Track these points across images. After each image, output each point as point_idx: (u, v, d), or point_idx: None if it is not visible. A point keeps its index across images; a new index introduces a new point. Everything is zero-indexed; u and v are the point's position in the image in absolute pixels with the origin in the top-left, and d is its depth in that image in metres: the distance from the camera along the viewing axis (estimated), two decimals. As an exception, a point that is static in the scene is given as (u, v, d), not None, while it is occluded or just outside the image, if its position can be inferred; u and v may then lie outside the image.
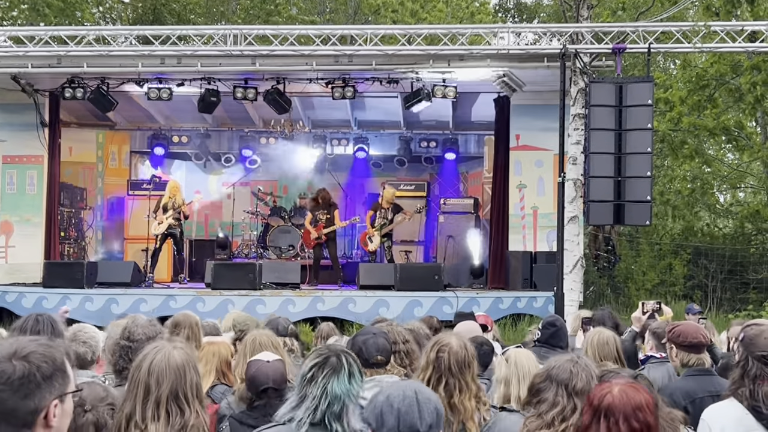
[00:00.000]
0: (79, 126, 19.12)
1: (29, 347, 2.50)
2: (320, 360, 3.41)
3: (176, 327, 6.33)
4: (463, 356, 4.35)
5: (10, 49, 14.88)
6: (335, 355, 3.43)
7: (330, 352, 3.45)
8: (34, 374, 2.45)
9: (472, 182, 20.57)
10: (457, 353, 4.34)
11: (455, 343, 4.40)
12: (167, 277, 17.44)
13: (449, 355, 4.32)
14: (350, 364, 3.40)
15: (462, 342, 4.45)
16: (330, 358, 3.40)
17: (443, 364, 4.31)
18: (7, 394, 2.41)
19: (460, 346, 4.39)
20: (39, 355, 2.50)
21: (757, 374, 4.17)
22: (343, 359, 3.41)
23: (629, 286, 19.60)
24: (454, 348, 4.36)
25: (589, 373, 3.77)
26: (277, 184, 20.93)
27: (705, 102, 20.81)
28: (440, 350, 4.36)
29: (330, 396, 3.30)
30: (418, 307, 14.38)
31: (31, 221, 16.69)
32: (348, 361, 3.41)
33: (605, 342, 5.71)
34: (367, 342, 4.49)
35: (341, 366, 3.37)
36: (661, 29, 14.42)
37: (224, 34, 14.85)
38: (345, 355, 3.45)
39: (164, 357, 3.32)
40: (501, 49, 14.55)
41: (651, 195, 13.22)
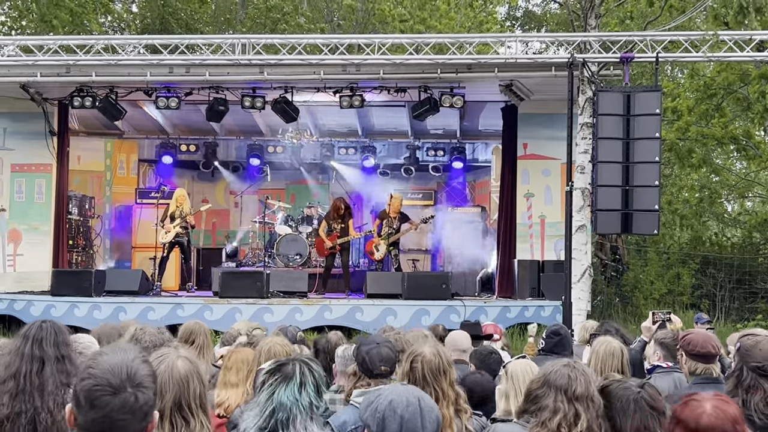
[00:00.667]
0: (87, 135, 19.19)
1: (139, 370, 2.57)
2: (274, 367, 3.39)
3: (190, 335, 6.34)
4: (437, 364, 4.32)
5: (20, 59, 14.94)
6: (291, 363, 3.40)
7: (288, 361, 3.42)
8: (152, 398, 2.55)
9: (480, 191, 20.57)
10: (430, 362, 4.31)
11: (428, 351, 4.36)
12: (175, 286, 17.47)
13: (422, 364, 4.30)
14: (303, 374, 3.34)
15: (435, 350, 4.41)
16: (285, 366, 3.37)
17: (417, 374, 4.29)
18: (131, 421, 2.51)
19: (434, 354, 4.35)
20: (148, 378, 2.59)
21: (751, 384, 4.21)
22: (298, 368, 3.36)
23: (637, 296, 19.54)
24: (427, 357, 4.32)
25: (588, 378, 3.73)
26: (284, 193, 20.96)
27: (713, 111, 20.80)
28: (413, 360, 4.34)
29: (275, 403, 3.28)
30: (426, 316, 14.37)
31: (39, 229, 16.72)
32: (303, 370, 3.35)
33: (611, 353, 5.69)
34: (371, 352, 4.47)
35: (293, 374, 3.33)
36: (669, 38, 14.41)
37: (232, 43, 14.89)
38: (302, 364, 3.40)
39: (168, 367, 3.28)
40: (509, 58, 14.55)
41: (659, 204, 13.20)
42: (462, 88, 15.35)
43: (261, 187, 20.57)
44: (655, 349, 6.21)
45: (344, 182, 20.42)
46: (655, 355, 6.16)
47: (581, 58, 13.94)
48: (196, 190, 20.78)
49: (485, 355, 5.80)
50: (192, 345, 6.28)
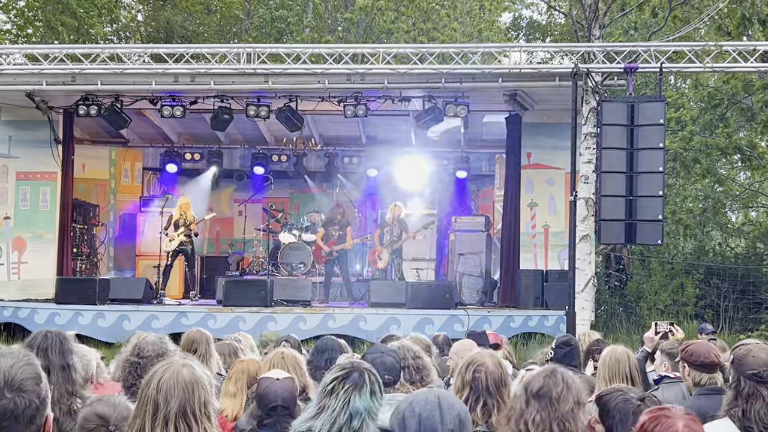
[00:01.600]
0: (92, 143, 19.25)
1: (17, 374, 2.51)
2: (342, 374, 3.42)
3: (192, 344, 6.34)
4: (499, 375, 4.35)
5: (25, 67, 15.02)
6: (358, 370, 3.44)
7: (353, 368, 3.46)
8: (34, 401, 2.49)
9: (483, 200, 20.57)
10: (493, 372, 4.33)
11: (490, 362, 4.39)
12: (179, 294, 17.47)
13: (486, 375, 4.31)
14: (372, 382, 3.41)
15: (496, 360, 4.45)
16: (352, 372, 3.41)
17: (480, 384, 4.29)
18: (15, 428, 2.46)
19: (496, 365, 4.38)
20: (30, 381, 2.51)
21: (750, 393, 4.21)
22: (366, 376, 3.42)
23: (641, 306, 19.49)
24: (490, 368, 4.34)
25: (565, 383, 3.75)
26: (288, 201, 20.98)
27: (717, 121, 20.81)
28: (476, 370, 4.34)
29: (351, 410, 3.31)
30: (429, 325, 14.36)
31: (44, 237, 16.77)
32: (371, 378, 3.42)
33: (617, 359, 5.69)
34: (375, 361, 4.47)
35: (364, 382, 3.37)
36: (673, 49, 14.46)
37: (237, 52, 14.94)
38: (368, 371, 3.46)
39: (173, 374, 3.29)
40: (513, 68, 14.60)
41: (663, 214, 13.22)
42: (466, 97, 15.38)
43: (265, 195, 20.59)
44: (662, 359, 6.21)
45: (348, 191, 20.44)
46: (663, 365, 6.16)
47: (585, 68, 13.97)
48: (200, 198, 20.76)
49: None
50: (194, 354, 6.28)
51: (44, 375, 2.61)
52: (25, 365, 2.56)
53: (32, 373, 2.56)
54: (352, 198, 20.30)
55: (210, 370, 6.29)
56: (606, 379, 5.45)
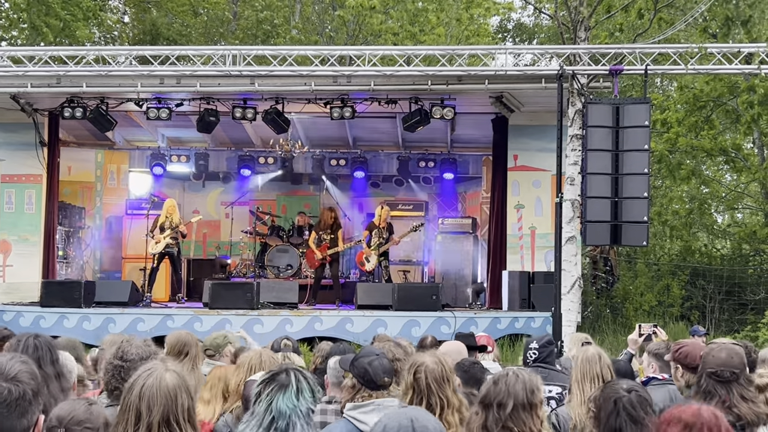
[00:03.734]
0: (78, 145, 19.17)
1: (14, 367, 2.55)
2: (268, 377, 3.40)
3: (184, 347, 6.29)
4: (440, 372, 4.36)
5: (10, 69, 14.94)
6: (285, 371, 3.41)
7: (280, 369, 3.44)
8: (27, 393, 2.51)
9: (470, 202, 20.61)
10: (433, 371, 4.34)
11: (430, 360, 4.40)
12: (165, 297, 17.41)
13: (426, 374, 4.33)
14: (299, 381, 3.37)
15: (437, 358, 4.45)
16: (279, 374, 3.39)
17: (422, 384, 4.32)
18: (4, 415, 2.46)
19: (436, 363, 4.39)
20: (26, 374, 2.56)
21: (708, 390, 4.40)
22: (292, 376, 3.39)
23: (627, 307, 19.57)
24: (429, 366, 4.36)
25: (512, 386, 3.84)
26: (275, 204, 20.96)
27: (702, 123, 20.90)
28: (417, 371, 4.37)
29: (274, 412, 3.29)
30: (416, 327, 14.36)
31: (29, 240, 16.68)
32: (297, 377, 3.38)
33: (587, 360, 5.67)
34: (373, 363, 4.44)
35: (289, 382, 3.35)
36: (658, 51, 14.50)
37: (223, 54, 14.91)
38: (296, 372, 3.43)
39: (156, 381, 3.26)
40: (499, 70, 14.62)
41: (648, 216, 13.26)
42: (452, 99, 15.39)
43: (252, 198, 20.56)
44: (649, 361, 6.22)
45: (335, 193, 20.44)
46: (650, 367, 6.16)
47: (571, 70, 14.00)
48: (187, 200, 20.75)
49: (468, 366, 5.77)
50: (186, 357, 6.24)
51: (39, 376, 2.63)
52: (21, 362, 2.65)
53: (28, 369, 2.64)
54: (339, 200, 20.29)
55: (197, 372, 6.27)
56: (578, 381, 5.44)
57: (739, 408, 4.33)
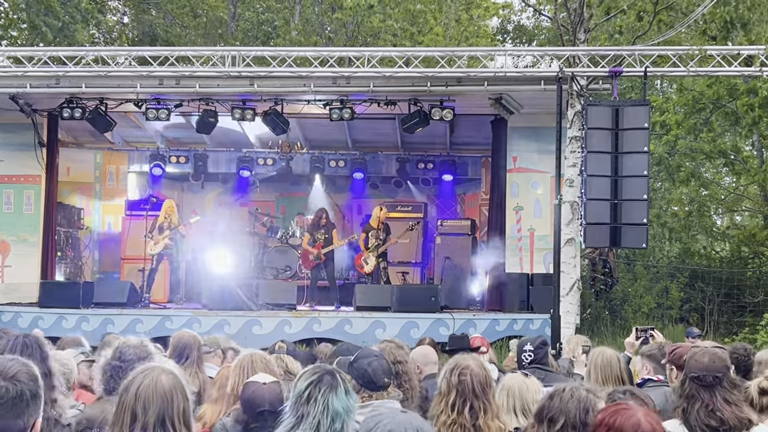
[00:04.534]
0: (76, 146, 19.16)
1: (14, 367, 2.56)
2: (315, 378, 3.41)
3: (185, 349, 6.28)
4: (484, 377, 4.41)
5: (9, 69, 14.94)
6: (329, 372, 3.43)
7: (323, 370, 3.45)
8: (25, 393, 2.51)
9: (469, 204, 20.59)
10: (478, 374, 4.40)
11: (474, 364, 4.45)
12: (163, 298, 17.39)
13: (471, 377, 4.37)
14: (344, 381, 3.41)
15: (480, 363, 4.51)
16: (324, 375, 3.40)
17: (467, 387, 4.35)
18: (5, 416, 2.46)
19: (480, 367, 4.45)
20: (25, 375, 2.56)
21: (690, 394, 4.43)
22: (338, 376, 3.41)
23: (626, 309, 19.57)
24: (475, 370, 4.41)
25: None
26: (274, 205, 20.95)
27: (701, 125, 20.89)
28: (461, 373, 4.40)
29: (332, 413, 3.30)
30: (415, 329, 14.36)
31: (27, 241, 16.67)
32: (341, 378, 3.41)
33: (608, 363, 5.68)
34: (372, 364, 4.45)
35: (337, 383, 3.37)
36: (657, 53, 14.49)
37: (223, 55, 14.90)
38: (338, 372, 3.46)
39: (152, 382, 3.25)
40: (498, 72, 14.62)
41: (647, 218, 13.25)
42: (452, 101, 15.38)
43: (251, 199, 20.55)
44: (643, 363, 6.21)
45: (334, 195, 20.43)
46: (644, 369, 6.16)
47: (570, 72, 14.00)
48: (186, 201, 20.74)
49: None
50: (187, 360, 6.22)
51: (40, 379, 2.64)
52: (22, 364, 2.66)
53: (28, 370, 2.65)
54: (338, 202, 20.28)
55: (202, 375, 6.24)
56: (600, 381, 5.45)
57: (723, 412, 4.33)
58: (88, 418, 3.60)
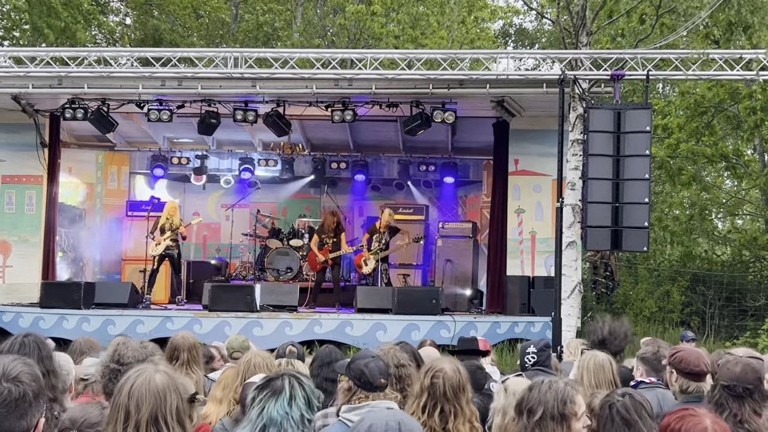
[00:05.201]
0: (78, 146, 19.16)
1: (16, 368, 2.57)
2: (263, 383, 3.39)
3: (174, 351, 6.28)
4: (457, 381, 4.37)
5: (11, 70, 14.93)
6: (280, 377, 3.40)
7: (277, 376, 3.43)
8: (28, 394, 2.52)
9: (471, 206, 20.60)
10: (451, 378, 4.35)
11: (449, 368, 4.41)
12: (164, 299, 17.38)
13: (444, 380, 4.34)
14: (293, 387, 3.35)
15: (455, 366, 4.46)
16: (274, 381, 3.38)
17: (438, 390, 4.32)
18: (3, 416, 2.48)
19: (454, 371, 4.40)
20: (28, 376, 2.57)
21: (719, 402, 4.37)
22: (287, 382, 3.36)
23: (627, 313, 19.55)
24: (448, 373, 4.37)
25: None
26: (275, 206, 20.95)
27: (703, 129, 20.89)
28: (434, 376, 4.37)
29: (265, 419, 3.28)
30: (416, 331, 14.34)
31: (29, 241, 16.68)
32: (292, 384, 3.36)
33: (601, 367, 5.67)
34: (369, 365, 4.45)
35: (282, 389, 3.34)
36: (659, 56, 14.50)
37: (225, 56, 14.91)
38: (291, 378, 3.41)
39: (145, 380, 3.27)
40: (500, 75, 14.62)
41: (649, 221, 13.24)
42: (454, 103, 15.38)
43: (252, 200, 20.55)
44: (636, 364, 6.21)
45: (336, 196, 20.44)
46: (637, 370, 6.16)
47: (572, 75, 14.01)
48: (187, 202, 20.74)
49: (473, 371, 5.77)
50: (177, 361, 6.21)
51: (42, 379, 2.65)
52: (24, 364, 2.68)
53: (30, 371, 2.66)
54: (339, 203, 20.29)
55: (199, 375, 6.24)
56: (592, 385, 5.43)
57: (751, 423, 4.29)
58: (70, 418, 3.60)
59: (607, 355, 5.82)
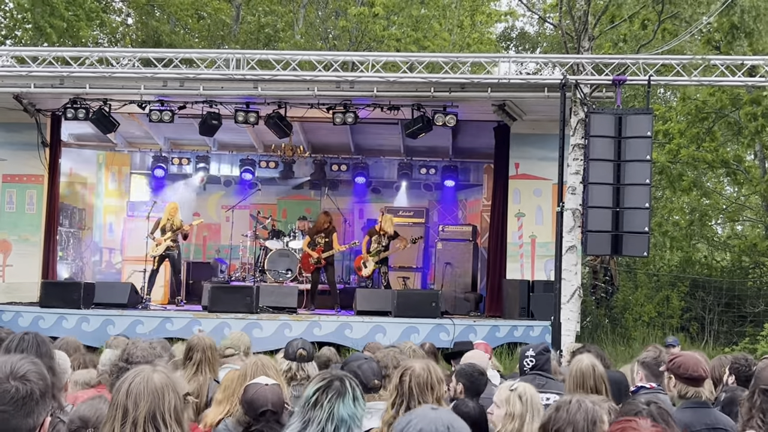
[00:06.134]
0: (79, 146, 19.17)
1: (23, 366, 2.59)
2: (324, 384, 3.42)
3: (189, 351, 6.26)
4: (425, 378, 4.36)
5: (13, 69, 14.93)
6: (338, 378, 3.44)
7: (333, 376, 3.46)
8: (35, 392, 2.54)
9: (471, 210, 20.61)
10: (419, 376, 4.35)
11: (418, 366, 4.41)
12: (164, 299, 17.39)
13: (411, 378, 4.34)
14: (353, 388, 3.41)
15: (426, 365, 4.45)
16: (333, 381, 3.41)
17: (405, 387, 4.33)
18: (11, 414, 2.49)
19: (423, 369, 4.39)
20: (35, 374, 2.60)
21: (763, 407, 4.36)
22: (347, 383, 3.42)
23: (626, 318, 19.55)
24: (416, 371, 4.37)
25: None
26: (276, 208, 20.96)
27: (704, 134, 20.90)
28: (403, 374, 4.38)
29: (336, 420, 3.31)
30: (415, 334, 14.34)
31: (29, 240, 16.67)
32: (351, 384, 3.42)
33: (582, 372, 5.65)
34: (362, 366, 4.47)
35: (345, 389, 3.38)
36: (661, 62, 14.51)
37: (227, 58, 14.91)
38: (348, 379, 3.46)
39: (143, 379, 3.31)
40: (502, 78, 14.63)
41: (649, 226, 13.25)
42: (455, 107, 15.40)
43: (253, 202, 20.56)
44: (637, 369, 6.21)
45: (336, 198, 20.45)
46: (638, 375, 6.16)
47: (574, 80, 14.01)
48: (188, 203, 20.72)
49: (475, 377, 5.78)
50: (190, 361, 6.18)
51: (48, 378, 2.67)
52: (31, 363, 2.69)
53: (37, 369, 2.68)
54: (340, 205, 20.30)
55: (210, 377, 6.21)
56: (572, 390, 5.41)
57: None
58: (81, 417, 3.62)
59: (592, 360, 5.80)
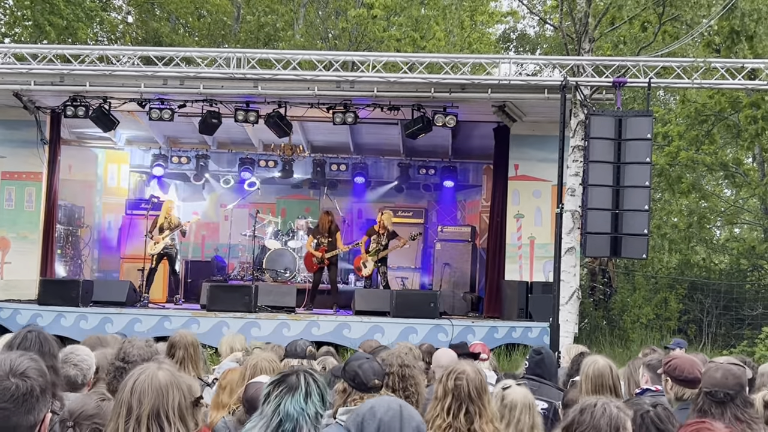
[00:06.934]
0: (79, 144, 19.16)
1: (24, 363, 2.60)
2: (278, 378, 3.41)
3: (171, 348, 6.28)
4: (479, 382, 4.47)
5: (14, 66, 14.92)
6: (295, 374, 3.42)
7: (291, 372, 3.44)
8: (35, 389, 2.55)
9: (470, 210, 20.61)
10: (474, 380, 4.46)
11: (470, 369, 4.51)
12: (162, 298, 17.37)
13: (467, 382, 4.43)
14: (308, 384, 3.36)
15: (476, 368, 4.56)
16: (289, 377, 3.39)
17: (462, 392, 4.42)
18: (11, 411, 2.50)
19: (476, 373, 4.51)
20: (35, 371, 2.60)
21: (702, 408, 4.46)
22: (302, 378, 3.38)
23: (624, 320, 19.56)
24: (471, 375, 4.47)
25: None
26: (275, 207, 20.96)
27: (703, 137, 20.92)
28: (458, 378, 4.46)
29: (281, 414, 3.29)
30: (413, 334, 14.34)
31: (28, 238, 16.66)
32: (307, 380, 3.37)
33: (600, 373, 5.69)
34: (363, 366, 4.47)
35: (298, 385, 3.35)
36: (661, 64, 14.52)
37: (227, 57, 14.91)
38: (307, 374, 3.42)
39: (148, 377, 3.31)
40: (502, 80, 14.63)
41: (648, 228, 13.25)
42: (455, 107, 15.40)
43: (252, 201, 20.56)
44: (642, 371, 6.22)
45: (335, 198, 20.45)
46: (643, 378, 6.17)
47: (574, 82, 14.02)
48: (187, 202, 20.76)
49: None
50: (172, 359, 6.21)
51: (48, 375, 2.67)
52: (31, 360, 2.70)
53: (37, 366, 2.69)
54: (339, 205, 20.30)
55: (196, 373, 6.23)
56: (590, 392, 5.43)
57: (732, 430, 4.32)
58: (69, 410, 3.63)
59: (608, 360, 5.83)
